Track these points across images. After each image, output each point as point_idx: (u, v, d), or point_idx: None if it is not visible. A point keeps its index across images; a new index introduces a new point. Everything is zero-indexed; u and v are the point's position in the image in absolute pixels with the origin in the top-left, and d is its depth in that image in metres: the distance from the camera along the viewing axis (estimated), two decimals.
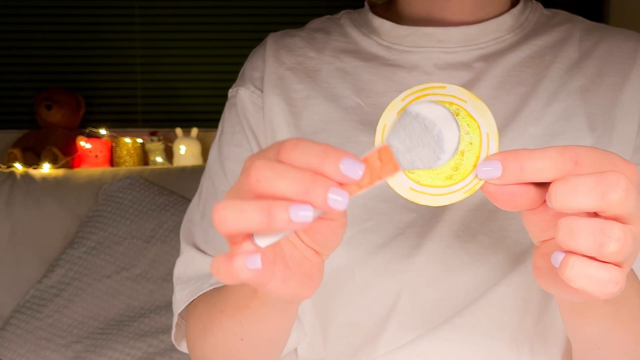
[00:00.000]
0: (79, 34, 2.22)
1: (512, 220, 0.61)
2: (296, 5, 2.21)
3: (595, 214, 0.36)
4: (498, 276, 0.62)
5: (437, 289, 0.63)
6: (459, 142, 0.38)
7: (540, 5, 0.72)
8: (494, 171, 0.37)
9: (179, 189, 1.83)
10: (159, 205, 1.78)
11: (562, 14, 0.72)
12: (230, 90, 0.73)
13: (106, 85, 2.24)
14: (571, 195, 0.35)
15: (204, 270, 0.67)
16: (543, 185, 0.38)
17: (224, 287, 0.61)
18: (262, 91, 0.70)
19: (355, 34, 0.71)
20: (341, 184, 0.37)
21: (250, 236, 0.38)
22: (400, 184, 0.41)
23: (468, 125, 0.40)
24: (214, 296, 0.63)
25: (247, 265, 0.37)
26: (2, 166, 1.97)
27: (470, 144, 0.40)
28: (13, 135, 2.14)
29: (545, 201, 0.38)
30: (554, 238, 0.39)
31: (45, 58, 2.22)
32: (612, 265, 0.36)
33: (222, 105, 0.74)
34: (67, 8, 2.21)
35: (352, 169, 0.37)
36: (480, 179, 0.39)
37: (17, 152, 2.00)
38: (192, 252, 0.68)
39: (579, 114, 0.63)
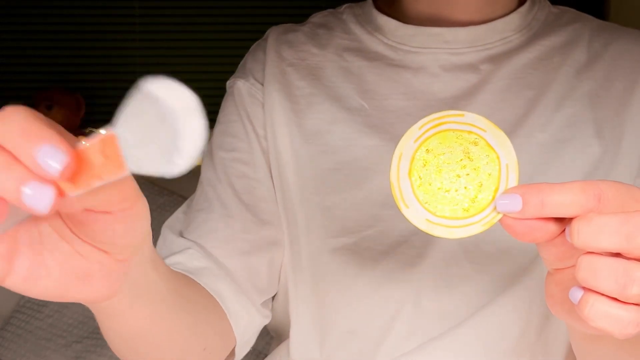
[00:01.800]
0: (79, 34, 2.22)
1: None
2: (296, 6, 2.21)
3: (617, 253, 0.35)
4: (501, 287, 0.61)
5: (440, 299, 0.62)
6: (202, 142, 0.29)
7: (547, 2, 0.70)
8: (513, 205, 0.36)
9: (179, 189, 1.83)
10: (159, 205, 1.78)
11: (570, 12, 0.70)
12: (228, 82, 0.72)
13: (106, 85, 2.24)
14: (595, 236, 0.34)
15: (172, 250, 0.64)
16: (562, 218, 0.37)
17: None
18: (262, 84, 0.68)
19: (358, 31, 0.70)
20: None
21: None
22: (416, 215, 0.40)
23: (487, 155, 0.39)
24: None
25: None
26: None
27: (489, 175, 0.39)
28: None
29: (562, 231, 0.37)
30: (569, 267, 0.38)
31: (45, 58, 2.21)
32: (632, 305, 0.35)
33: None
34: (67, 8, 2.21)
35: (50, 161, 0.28)
36: (499, 212, 0.38)
37: None
38: (166, 233, 0.67)
39: (587, 121, 0.62)
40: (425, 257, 0.61)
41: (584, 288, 0.36)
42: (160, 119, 0.28)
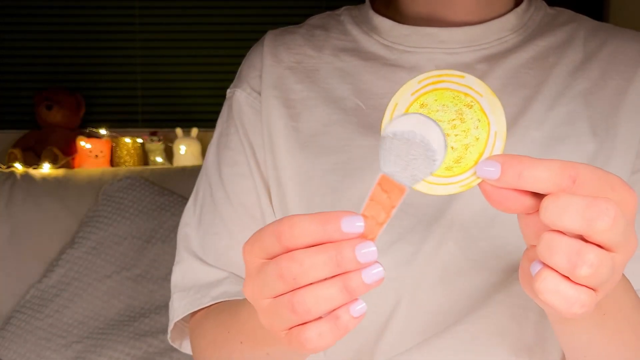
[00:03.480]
0: (79, 34, 2.22)
1: (513, 226, 0.60)
2: (296, 6, 2.21)
3: (580, 236, 0.36)
4: (498, 283, 0.61)
5: (436, 296, 0.62)
6: (443, 134, 0.39)
7: (544, 3, 0.71)
8: (492, 172, 0.37)
9: (179, 189, 1.83)
10: (159, 205, 1.78)
11: (566, 12, 0.70)
12: (228, 90, 0.73)
13: (106, 85, 2.24)
14: (560, 214, 0.35)
15: (203, 280, 0.66)
16: (540, 195, 0.37)
17: (235, 310, 0.60)
18: (259, 93, 0.69)
19: (355, 31, 0.70)
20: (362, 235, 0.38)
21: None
22: None
23: (479, 120, 0.39)
24: (224, 319, 0.62)
25: (353, 313, 0.39)
26: (3, 166, 1.97)
27: (477, 139, 0.39)
28: (13, 135, 2.14)
29: None
30: None
31: (45, 58, 2.22)
32: (583, 287, 0.36)
33: (222, 105, 0.74)
34: (67, 8, 2.21)
35: (353, 225, 0.38)
36: (478, 177, 0.38)
37: (17, 152, 2.00)
38: (190, 260, 0.68)
39: (582, 119, 0.62)
40: (421, 255, 0.61)
41: (543, 263, 0.37)
42: (407, 144, 0.39)
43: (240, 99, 0.70)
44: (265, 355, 0.55)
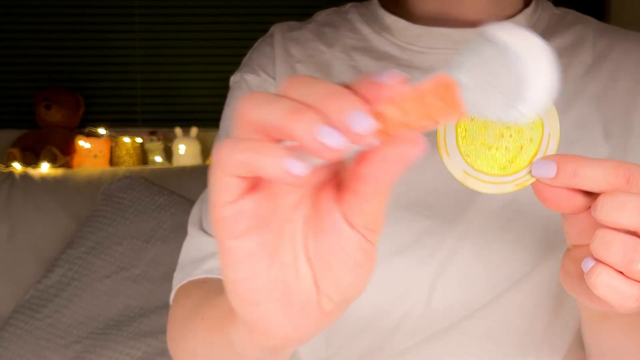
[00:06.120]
0: (79, 33, 2.22)
1: (528, 228, 0.61)
2: (297, 5, 2.21)
3: (634, 233, 0.37)
4: (510, 283, 0.61)
5: (449, 296, 0.62)
6: (550, 91, 0.28)
7: (550, 3, 0.70)
8: (548, 171, 0.38)
9: (178, 188, 1.83)
10: (159, 205, 1.78)
11: (572, 13, 0.70)
12: (232, 77, 0.71)
13: (106, 85, 2.23)
14: (617, 211, 0.36)
15: (201, 252, 0.64)
16: (590, 193, 0.38)
17: (215, 289, 0.57)
18: (274, 78, 0.67)
19: (365, 30, 0.69)
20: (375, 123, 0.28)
21: None
22: (455, 164, 0.41)
23: (532, 121, 0.40)
24: (204, 294, 0.58)
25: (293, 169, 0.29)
26: (1, 166, 1.97)
27: (531, 140, 0.40)
28: (12, 135, 2.14)
29: (589, 208, 0.39)
30: (586, 245, 0.40)
31: (45, 58, 2.21)
32: (637, 282, 0.37)
33: (222, 104, 0.72)
34: (67, 8, 2.21)
35: (357, 121, 0.28)
36: (533, 176, 0.39)
37: (16, 151, 2.00)
38: (194, 234, 0.66)
39: (594, 122, 0.62)
40: (437, 257, 0.61)
41: (595, 259, 0.38)
42: (506, 65, 0.28)
43: (252, 82, 0.68)
44: (208, 343, 0.49)
